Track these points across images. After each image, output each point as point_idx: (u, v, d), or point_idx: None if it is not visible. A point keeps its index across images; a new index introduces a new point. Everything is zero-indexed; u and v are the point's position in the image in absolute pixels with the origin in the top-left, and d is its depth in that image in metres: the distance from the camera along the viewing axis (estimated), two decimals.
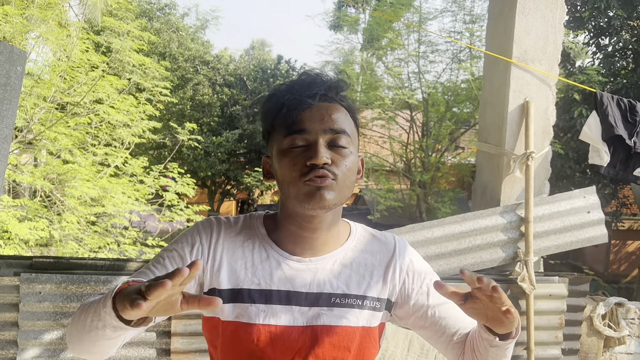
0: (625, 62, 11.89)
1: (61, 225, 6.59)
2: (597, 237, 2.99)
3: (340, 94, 1.01)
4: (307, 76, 1.00)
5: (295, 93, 0.96)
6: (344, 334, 1.01)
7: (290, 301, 0.99)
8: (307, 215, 0.98)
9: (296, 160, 0.94)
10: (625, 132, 2.95)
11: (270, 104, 1.00)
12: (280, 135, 0.97)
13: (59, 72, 6.93)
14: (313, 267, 1.01)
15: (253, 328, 0.98)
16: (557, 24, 2.90)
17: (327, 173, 0.93)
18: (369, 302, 1.03)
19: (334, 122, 0.96)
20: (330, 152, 0.95)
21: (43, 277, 2.41)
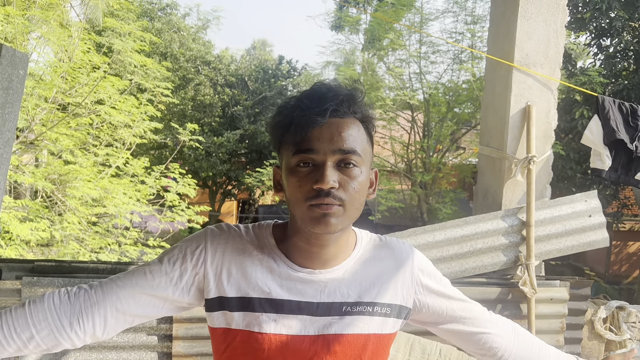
0: (626, 63, 11.89)
1: (62, 226, 6.60)
2: (598, 241, 2.99)
3: (354, 107, 0.96)
4: (318, 89, 0.96)
5: (305, 109, 0.92)
6: (355, 342, 1.00)
7: (302, 311, 0.99)
8: (315, 234, 0.97)
9: (303, 181, 0.93)
10: (627, 136, 2.95)
11: (280, 118, 0.97)
12: (288, 151, 0.95)
13: (60, 72, 6.94)
14: (323, 279, 1.00)
15: (264, 337, 0.97)
16: (558, 28, 2.90)
17: (332, 201, 0.90)
18: (379, 308, 1.03)
19: (344, 141, 0.92)
20: (338, 173, 0.92)
21: (45, 281, 2.41)
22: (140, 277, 1.00)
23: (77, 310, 0.97)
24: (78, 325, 0.97)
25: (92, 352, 2.49)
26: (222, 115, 14.71)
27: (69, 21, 8.48)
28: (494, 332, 1.15)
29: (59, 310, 0.97)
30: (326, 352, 0.99)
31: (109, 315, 0.98)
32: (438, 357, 2.52)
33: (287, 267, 1.00)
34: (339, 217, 0.92)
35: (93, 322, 0.98)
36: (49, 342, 0.96)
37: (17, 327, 0.95)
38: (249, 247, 1.02)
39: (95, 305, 0.98)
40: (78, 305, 0.98)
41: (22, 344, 0.95)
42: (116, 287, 0.99)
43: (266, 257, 1.01)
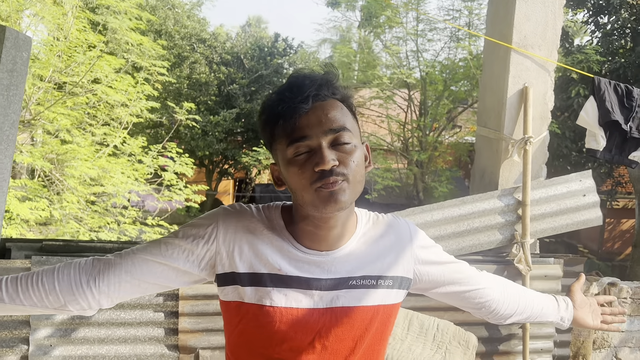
0: (623, 41, 11.88)
1: (61, 205, 6.64)
2: (592, 220, 3.06)
3: (332, 89, 1.01)
4: (295, 80, 1.00)
5: (288, 101, 0.96)
6: (362, 314, 1.07)
7: (310, 286, 1.04)
8: (324, 217, 1.02)
9: (304, 168, 0.97)
10: (622, 117, 3.01)
11: (266, 116, 1.01)
12: (282, 144, 0.99)
13: (56, 51, 6.90)
14: (330, 259, 1.06)
15: (275, 310, 1.03)
16: (556, 10, 2.93)
17: (337, 178, 0.95)
18: (382, 281, 1.09)
19: (332, 121, 0.97)
20: (335, 152, 0.97)
21: (54, 260, 2.47)
22: (156, 248, 1.07)
23: (96, 271, 1.07)
24: (94, 283, 1.06)
25: (100, 328, 2.56)
26: (218, 94, 14.64)
27: None
28: (484, 287, 1.24)
29: (82, 269, 1.08)
30: (334, 324, 1.05)
31: (123, 278, 1.06)
32: (436, 332, 2.61)
33: (296, 249, 1.06)
34: (345, 192, 0.97)
35: (108, 283, 1.06)
36: (67, 296, 1.05)
37: (44, 277, 1.06)
38: (260, 226, 1.08)
39: (112, 268, 1.06)
40: (98, 267, 1.07)
41: (45, 293, 1.05)
42: (133, 255, 1.08)
43: (276, 237, 1.07)
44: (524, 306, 1.30)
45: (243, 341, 1.09)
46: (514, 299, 1.28)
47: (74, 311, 1.08)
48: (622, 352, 3.58)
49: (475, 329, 2.85)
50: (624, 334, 3.58)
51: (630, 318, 3.57)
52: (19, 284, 1.06)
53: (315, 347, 1.05)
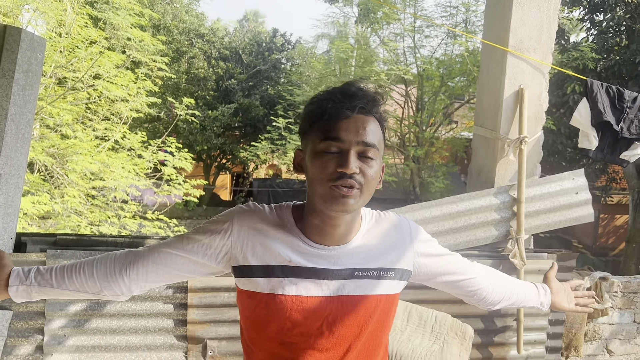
0: (619, 38, 11.98)
1: (62, 199, 6.72)
2: (584, 217, 3.18)
3: (376, 108, 1.11)
4: (349, 87, 1.10)
5: (337, 102, 1.07)
6: (366, 302, 1.18)
7: (319, 276, 1.15)
8: (330, 214, 1.12)
9: (328, 164, 1.06)
10: (613, 117, 3.12)
11: (313, 107, 1.11)
12: (317, 137, 1.09)
13: (58, 47, 6.96)
14: (336, 253, 1.17)
15: (287, 298, 1.14)
16: (551, 15, 3.04)
17: (354, 183, 1.06)
18: (385, 272, 1.20)
19: (367, 135, 1.07)
20: (359, 162, 1.07)
21: (68, 253, 2.57)
22: (179, 242, 1.21)
23: (128, 261, 1.22)
24: (125, 272, 1.21)
25: (112, 319, 2.66)
26: (217, 89, 14.70)
27: None
28: (475, 276, 1.38)
29: (117, 259, 1.23)
30: (340, 311, 1.16)
31: (150, 268, 1.21)
32: (434, 323, 2.72)
33: (305, 243, 1.17)
34: (356, 199, 1.08)
35: (137, 272, 1.21)
36: (103, 282, 1.22)
37: (85, 266, 1.23)
38: (272, 223, 1.19)
39: (141, 259, 1.22)
40: (130, 258, 1.23)
41: (85, 279, 1.21)
42: (159, 248, 1.22)
43: (287, 234, 1.18)
44: (510, 293, 1.45)
45: (257, 327, 1.19)
46: (501, 287, 1.43)
47: (109, 296, 1.23)
48: (612, 343, 3.71)
49: (471, 321, 2.97)
50: (615, 326, 3.71)
51: (620, 311, 3.70)
52: (65, 271, 1.21)
53: (323, 332, 1.16)
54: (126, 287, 1.22)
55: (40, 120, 7.21)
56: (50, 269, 1.22)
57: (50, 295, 1.23)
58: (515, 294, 1.46)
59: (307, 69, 14.08)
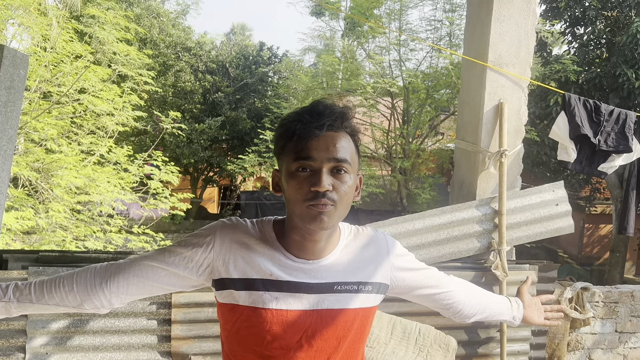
0: (599, 51, 12.21)
1: (47, 214, 6.67)
2: (564, 228, 3.22)
3: (345, 122, 1.15)
4: (316, 106, 1.14)
5: (306, 122, 1.10)
6: (345, 316, 1.20)
7: (299, 290, 1.18)
8: (309, 231, 1.15)
9: (302, 184, 1.10)
10: (591, 131, 3.19)
11: (283, 129, 1.14)
12: (290, 158, 1.12)
13: (42, 62, 6.94)
14: (316, 267, 1.20)
15: (267, 312, 1.16)
16: (529, 30, 3.10)
17: (327, 201, 1.09)
18: (362, 286, 1.23)
19: (338, 151, 1.10)
20: (332, 178, 1.10)
21: (50, 270, 2.56)
22: (160, 255, 1.22)
23: (108, 274, 1.23)
24: (105, 285, 1.22)
25: (95, 336, 2.65)
26: (203, 102, 14.72)
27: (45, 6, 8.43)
28: (452, 290, 1.42)
29: (97, 272, 1.24)
30: (319, 324, 1.19)
31: (131, 281, 1.22)
32: (417, 336, 2.74)
33: (286, 257, 1.19)
34: (331, 216, 1.11)
35: (117, 285, 1.22)
36: (83, 296, 1.22)
37: (64, 280, 1.23)
38: (253, 238, 1.21)
39: (122, 272, 1.22)
40: (110, 270, 1.23)
41: (65, 293, 1.22)
42: (141, 260, 1.23)
43: (268, 248, 1.20)
44: (484, 307, 1.48)
45: (238, 340, 1.22)
46: (476, 300, 1.47)
47: (89, 309, 1.23)
48: (595, 353, 3.75)
49: (455, 333, 2.99)
50: (597, 336, 3.75)
51: (602, 321, 3.74)
52: (44, 286, 1.22)
53: (302, 346, 1.18)
54: (106, 299, 1.23)
55: (25, 135, 7.16)
56: (29, 284, 1.23)
57: (30, 310, 1.23)
58: (489, 307, 1.50)
59: (294, 82, 14.15)
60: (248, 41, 20.64)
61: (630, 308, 3.75)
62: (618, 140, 3.29)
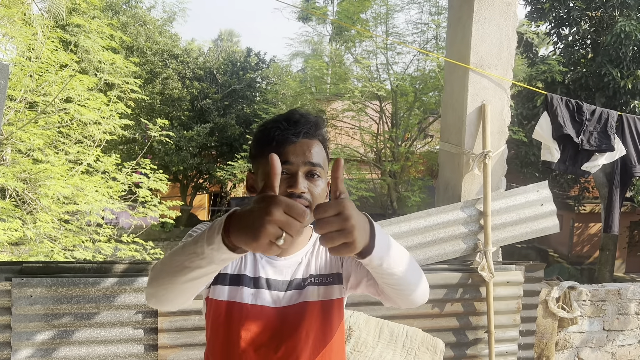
0: (584, 51, 12.33)
1: (35, 225, 6.61)
2: (549, 228, 3.25)
3: (319, 131, 1.22)
4: (293, 114, 1.21)
5: (284, 129, 1.17)
6: (309, 309, 1.24)
7: (271, 287, 1.24)
8: None
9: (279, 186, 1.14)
10: (573, 130, 3.21)
11: (262, 134, 1.22)
12: (267, 161, 1.14)
13: (27, 72, 6.90)
14: (287, 264, 1.27)
15: (244, 307, 1.21)
16: (510, 32, 3.13)
17: (303, 202, 1.14)
18: (323, 279, 1.29)
19: (313, 156, 1.18)
20: (306, 181, 1.16)
21: (34, 282, 2.54)
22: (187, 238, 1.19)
23: None
24: None
25: (80, 347, 2.63)
26: (192, 109, 14.68)
27: (30, 16, 8.39)
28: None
29: None
30: (289, 320, 1.23)
31: None
32: (405, 339, 2.74)
33: (259, 255, 1.26)
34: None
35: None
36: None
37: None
38: None
39: None
40: None
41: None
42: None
43: None
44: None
45: (218, 336, 1.24)
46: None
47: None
48: (583, 352, 3.77)
49: (443, 335, 2.99)
50: (585, 334, 3.77)
51: (590, 319, 3.77)
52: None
53: (274, 341, 1.22)
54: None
55: (12, 145, 7.11)
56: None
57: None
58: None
59: (283, 87, 14.15)
60: (235, 47, 20.65)
61: (617, 306, 3.78)
62: (601, 139, 3.32)
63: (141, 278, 2.69)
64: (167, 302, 1.07)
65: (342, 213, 0.88)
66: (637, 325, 3.85)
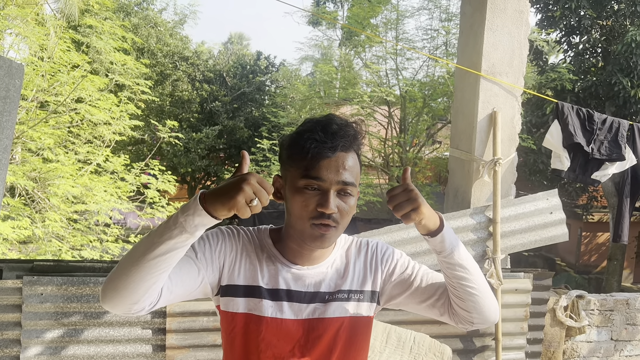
0: (595, 60, 12.29)
1: (44, 224, 6.66)
2: (558, 236, 3.24)
3: (357, 143, 1.16)
4: (330, 124, 1.13)
5: (320, 141, 1.09)
6: (335, 323, 1.21)
7: (292, 298, 1.19)
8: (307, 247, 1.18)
9: (308, 202, 1.11)
10: (584, 139, 3.21)
11: (294, 142, 1.14)
12: (298, 172, 1.12)
13: (40, 71, 6.96)
14: (311, 273, 1.22)
15: (262, 320, 1.17)
16: (522, 40, 3.13)
17: (331, 222, 1.11)
18: (353, 294, 1.24)
19: (347, 174, 1.11)
20: (337, 199, 1.12)
21: (44, 280, 2.56)
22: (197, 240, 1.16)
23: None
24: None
25: (89, 345, 2.65)
26: (201, 111, 14.74)
27: (43, 16, 8.47)
28: (432, 271, 1.32)
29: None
30: (312, 333, 1.20)
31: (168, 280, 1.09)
32: (412, 344, 2.74)
33: (281, 263, 1.21)
34: (333, 236, 1.15)
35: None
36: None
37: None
38: (252, 246, 1.23)
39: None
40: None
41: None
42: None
43: (265, 255, 1.22)
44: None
45: (235, 347, 1.22)
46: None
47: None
48: None
49: (450, 341, 2.99)
50: (593, 344, 3.75)
51: (598, 329, 3.75)
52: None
53: (295, 354, 1.19)
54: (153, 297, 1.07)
55: (22, 144, 7.17)
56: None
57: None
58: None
59: (292, 91, 14.18)
60: (245, 50, 20.74)
61: (626, 316, 3.76)
62: (611, 148, 3.31)
63: None
64: (127, 291, 1.00)
65: (407, 188, 1.10)
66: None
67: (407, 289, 1.29)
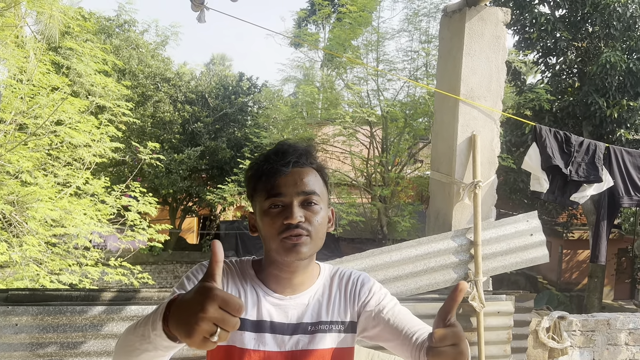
0: (571, 80, 12.56)
1: (21, 248, 6.53)
2: (539, 258, 3.26)
3: (310, 158, 1.20)
4: (281, 146, 1.19)
5: (272, 162, 1.15)
6: (318, 356, 1.20)
7: (275, 330, 1.18)
8: (286, 262, 1.17)
9: (275, 219, 1.13)
10: (562, 161, 3.26)
11: (252, 172, 1.20)
12: (261, 197, 1.16)
13: (19, 94, 6.89)
14: (293, 303, 1.21)
15: (245, 352, 1.16)
16: (499, 64, 3.19)
17: (301, 232, 1.12)
18: (334, 325, 1.23)
19: (306, 185, 1.15)
20: (303, 210, 1.14)
21: (19, 310, 2.50)
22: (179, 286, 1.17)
23: None
24: None
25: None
26: (183, 132, 14.69)
27: (23, 38, 8.41)
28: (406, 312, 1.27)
29: None
30: None
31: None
32: None
33: (264, 292, 1.20)
34: (307, 245, 1.14)
35: None
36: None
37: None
38: (236, 277, 1.23)
39: None
40: None
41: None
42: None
43: (248, 286, 1.21)
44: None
45: None
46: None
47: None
48: None
49: None
50: None
51: (580, 350, 3.76)
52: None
53: None
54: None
55: (0, 167, 7.05)
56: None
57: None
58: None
59: (274, 112, 14.22)
60: (228, 71, 20.78)
61: (607, 336, 3.78)
62: (589, 170, 3.36)
63: (129, 306, 2.66)
64: None
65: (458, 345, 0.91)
66: (627, 355, 3.85)
67: (377, 324, 1.25)
